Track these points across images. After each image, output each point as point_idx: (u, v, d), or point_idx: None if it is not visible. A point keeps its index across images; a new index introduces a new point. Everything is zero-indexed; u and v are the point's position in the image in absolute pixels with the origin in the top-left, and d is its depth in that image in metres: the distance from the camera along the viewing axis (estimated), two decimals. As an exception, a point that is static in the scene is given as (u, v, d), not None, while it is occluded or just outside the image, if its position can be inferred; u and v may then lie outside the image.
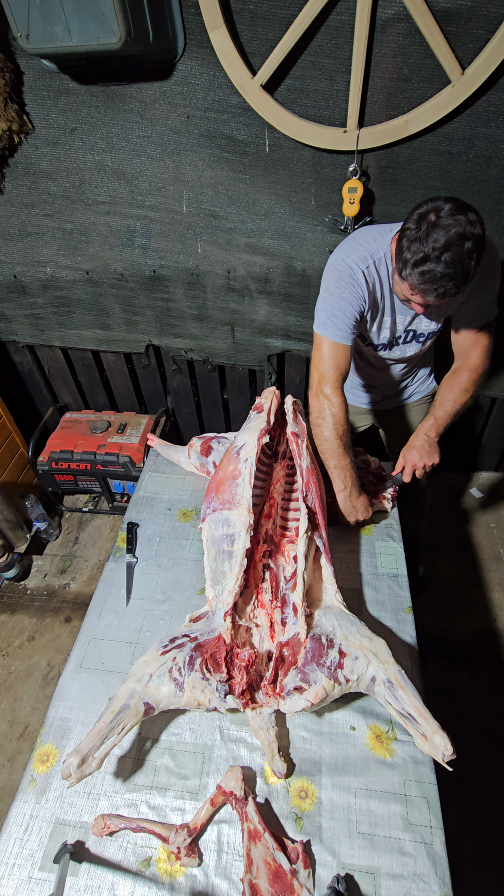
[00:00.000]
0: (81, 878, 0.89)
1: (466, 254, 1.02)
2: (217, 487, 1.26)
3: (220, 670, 0.99)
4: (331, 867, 0.89)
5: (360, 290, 1.26)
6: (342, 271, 1.26)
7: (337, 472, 1.34)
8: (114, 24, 1.27)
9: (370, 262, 1.25)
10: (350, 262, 1.25)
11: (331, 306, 1.29)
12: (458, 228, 1.01)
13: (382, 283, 1.28)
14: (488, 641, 2.10)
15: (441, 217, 1.02)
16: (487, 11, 1.32)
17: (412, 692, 0.95)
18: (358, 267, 1.25)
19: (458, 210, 1.02)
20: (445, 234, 1.01)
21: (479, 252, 1.04)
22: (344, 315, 1.27)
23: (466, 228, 1.01)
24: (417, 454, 1.40)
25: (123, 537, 1.44)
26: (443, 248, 1.01)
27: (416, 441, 1.41)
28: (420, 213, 1.06)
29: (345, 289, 1.26)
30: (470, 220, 1.01)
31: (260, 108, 1.51)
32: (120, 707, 0.95)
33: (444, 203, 1.04)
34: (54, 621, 2.24)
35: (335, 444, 1.32)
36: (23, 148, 1.76)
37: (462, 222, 1.01)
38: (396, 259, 1.11)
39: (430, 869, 0.88)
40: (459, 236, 1.01)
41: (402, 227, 1.09)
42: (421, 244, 1.03)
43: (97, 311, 2.19)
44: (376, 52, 1.42)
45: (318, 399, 1.33)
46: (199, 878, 0.89)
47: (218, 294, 2.04)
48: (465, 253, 1.02)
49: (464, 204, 1.04)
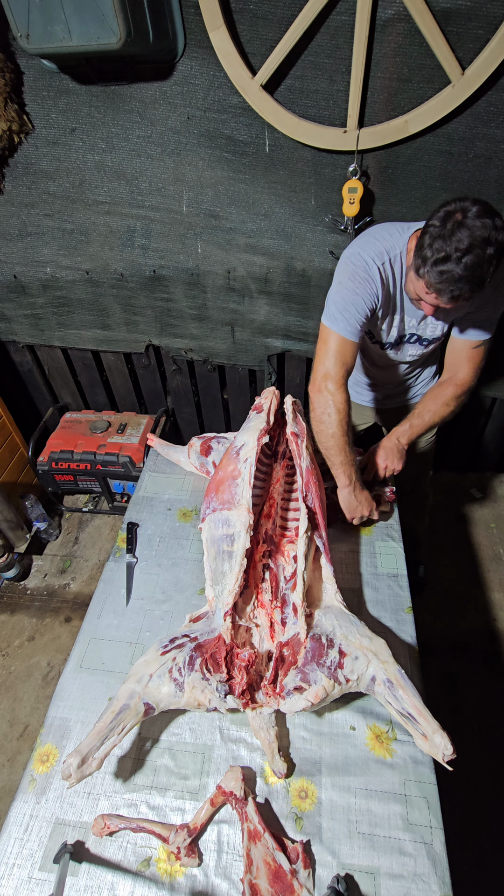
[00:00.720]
0: (81, 878, 0.89)
1: (487, 259, 1.00)
2: (217, 487, 1.26)
3: (220, 670, 0.99)
4: (331, 867, 0.89)
5: (374, 287, 1.24)
6: (357, 265, 1.24)
7: (342, 469, 1.33)
8: (114, 24, 1.27)
9: (386, 258, 1.23)
10: (366, 256, 1.23)
11: (343, 300, 1.26)
12: (483, 232, 0.98)
13: (396, 281, 1.27)
14: (488, 641, 2.10)
15: (468, 217, 1.00)
16: (487, 11, 1.32)
17: (412, 692, 0.95)
18: (374, 262, 1.23)
19: (486, 213, 1.00)
20: (470, 236, 0.99)
21: (498, 259, 1.02)
22: (356, 310, 1.25)
23: (491, 233, 0.99)
24: (385, 456, 1.43)
25: (123, 537, 1.44)
26: (465, 250, 0.99)
27: (387, 443, 1.44)
28: (447, 210, 1.03)
29: (359, 283, 1.24)
30: (496, 226, 0.99)
31: (260, 108, 1.51)
32: (120, 707, 0.95)
33: (472, 204, 1.01)
34: (54, 621, 2.24)
35: (340, 440, 1.30)
36: (23, 148, 1.76)
37: (488, 226, 0.99)
38: (415, 255, 1.09)
39: (430, 869, 0.88)
40: (484, 240, 0.99)
41: (426, 223, 1.07)
42: (444, 242, 1.01)
43: (97, 311, 2.19)
44: (376, 52, 1.42)
45: (321, 395, 1.29)
46: (199, 878, 0.89)
47: (218, 294, 2.04)
48: (486, 258, 1.00)
49: (491, 208, 1.01)
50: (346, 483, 1.33)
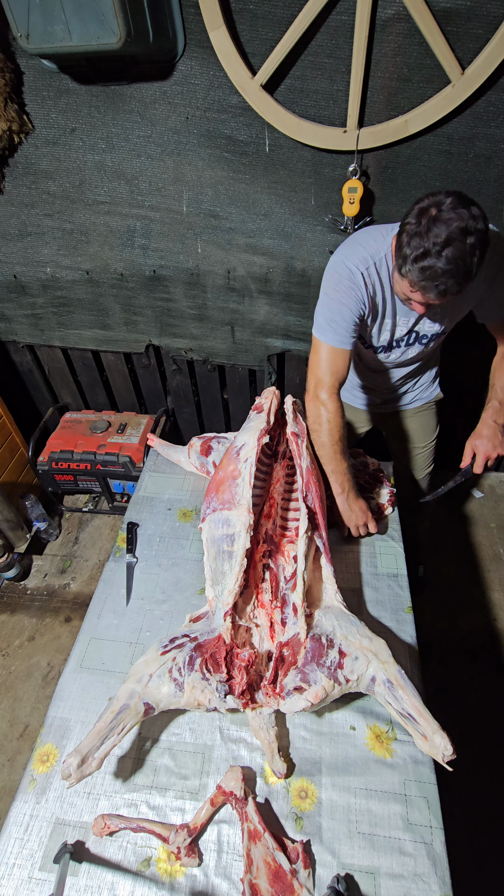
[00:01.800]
0: (81, 878, 0.89)
1: (469, 249, 0.99)
2: (217, 487, 1.26)
3: (220, 670, 0.99)
4: (331, 867, 0.89)
5: (359, 294, 1.24)
6: (342, 274, 1.24)
7: (334, 477, 1.33)
8: (114, 24, 1.27)
9: (370, 263, 1.22)
10: (350, 264, 1.23)
11: (329, 310, 1.27)
12: (459, 223, 0.97)
13: (383, 285, 1.26)
14: (488, 641, 2.10)
15: (442, 211, 0.99)
16: (487, 11, 1.32)
17: (412, 692, 0.95)
18: (357, 269, 1.22)
19: (460, 204, 0.99)
20: (447, 229, 0.98)
21: (482, 248, 1.00)
22: (343, 319, 1.26)
23: (469, 223, 0.97)
24: (490, 443, 1.35)
25: (123, 537, 1.44)
26: (444, 244, 0.98)
27: (484, 430, 1.36)
28: (420, 207, 1.02)
29: (344, 293, 1.24)
30: (472, 215, 0.98)
31: (260, 108, 1.51)
32: (120, 707, 0.95)
33: (445, 197, 1.00)
34: (54, 621, 2.24)
35: (331, 449, 1.31)
36: (23, 148, 1.76)
37: (464, 216, 0.98)
38: (396, 255, 1.09)
39: (430, 869, 0.88)
40: (461, 231, 0.97)
41: (402, 222, 1.06)
42: (421, 239, 1.00)
43: (97, 311, 2.19)
44: (376, 52, 1.42)
45: (314, 404, 1.32)
46: (199, 878, 0.89)
47: (218, 294, 2.04)
48: (467, 248, 0.98)
49: (466, 198, 1.00)
50: (339, 491, 1.33)
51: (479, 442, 1.36)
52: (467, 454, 1.39)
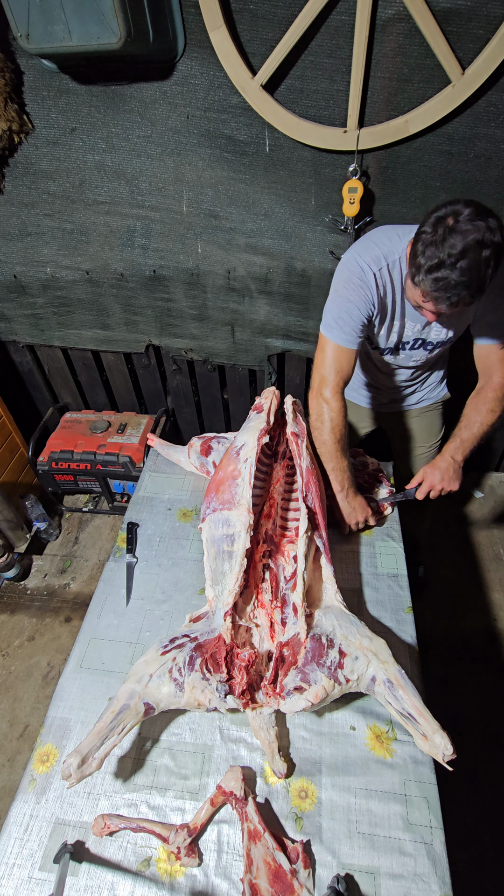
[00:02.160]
0: (81, 878, 0.89)
1: (484, 262, 0.97)
2: (217, 487, 1.26)
3: (220, 670, 0.99)
4: (331, 867, 0.89)
5: (369, 294, 1.22)
6: (353, 272, 1.22)
7: (334, 475, 1.34)
8: (114, 24, 1.27)
9: (384, 264, 1.21)
10: (362, 262, 1.21)
11: (338, 308, 1.25)
12: (476, 235, 0.96)
13: (395, 287, 1.24)
14: (488, 641, 2.10)
15: (459, 222, 0.97)
16: (487, 11, 1.32)
17: (412, 692, 0.95)
18: (370, 268, 1.21)
19: (478, 215, 0.97)
20: (463, 240, 0.96)
21: (497, 260, 0.99)
22: (350, 318, 1.25)
23: (486, 235, 0.96)
24: (440, 475, 1.35)
25: (123, 537, 1.44)
26: (459, 255, 0.97)
27: (441, 462, 1.36)
28: (437, 216, 1.01)
29: (353, 291, 1.23)
30: (490, 227, 0.97)
31: (260, 108, 1.51)
32: (120, 707, 0.95)
33: (463, 207, 0.98)
34: (54, 621, 2.24)
35: (332, 447, 1.32)
36: (23, 148, 1.76)
37: (481, 228, 0.96)
38: (410, 263, 1.07)
39: (430, 869, 0.88)
40: (477, 243, 0.96)
41: (418, 230, 1.05)
42: (436, 249, 0.99)
43: (97, 311, 2.19)
44: (376, 52, 1.42)
45: (317, 401, 1.32)
46: (199, 878, 0.89)
47: (218, 294, 2.04)
48: (482, 261, 0.97)
49: (484, 209, 0.99)
50: (339, 489, 1.34)
51: (432, 472, 1.36)
52: (416, 479, 1.40)
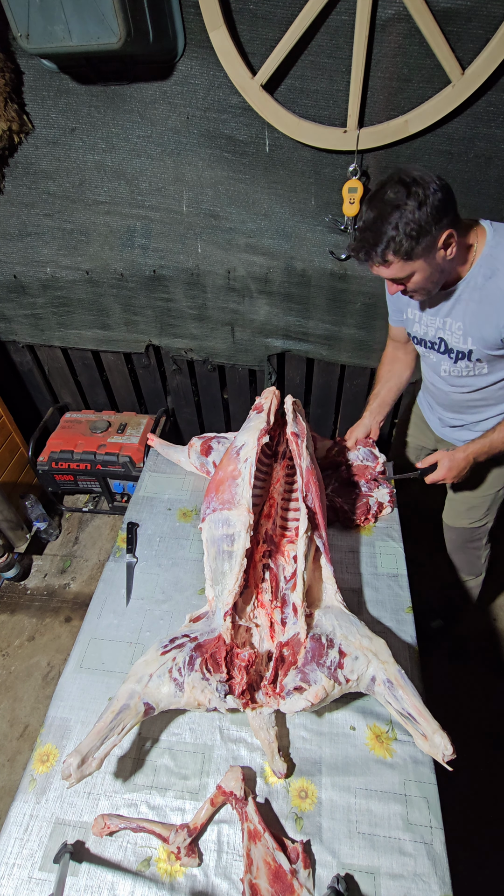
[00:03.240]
0: (81, 878, 0.89)
1: (392, 223, 1.03)
2: (217, 487, 1.26)
3: (220, 670, 0.99)
4: (331, 867, 0.89)
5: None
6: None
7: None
8: (114, 24, 1.27)
9: None
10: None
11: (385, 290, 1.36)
12: (391, 202, 1.03)
13: None
14: (488, 641, 2.10)
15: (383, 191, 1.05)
16: (487, 11, 1.32)
17: (412, 692, 0.95)
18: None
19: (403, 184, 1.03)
20: (378, 206, 1.05)
21: (408, 224, 1.02)
22: (389, 301, 1.44)
23: (401, 200, 1.02)
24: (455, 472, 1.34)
25: (123, 537, 1.44)
26: (370, 219, 1.06)
27: (459, 455, 1.34)
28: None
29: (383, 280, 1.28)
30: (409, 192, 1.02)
31: (260, 108, 1.51)
32: (120, 707, 0.95)
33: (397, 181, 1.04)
34: (54, 621, 2.24)
35: (378, 371, 1.65)
36: (23, 148, 1.76)
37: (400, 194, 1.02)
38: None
39: (430, 869, 0.88)
40: (390, 206, 1.03)
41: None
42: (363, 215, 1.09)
43: (97, 311, 2.19)
44: (376, 52, 1.42)
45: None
46: (199, 878, 0.89)
47: (218, 294, 2.04)
48: (388, 221, 1.03)
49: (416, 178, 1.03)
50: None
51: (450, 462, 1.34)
52: (430, 459, 1.39)
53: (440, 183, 1.04)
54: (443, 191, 1.04)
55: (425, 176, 1.03)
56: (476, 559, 1.80)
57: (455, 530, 1.76)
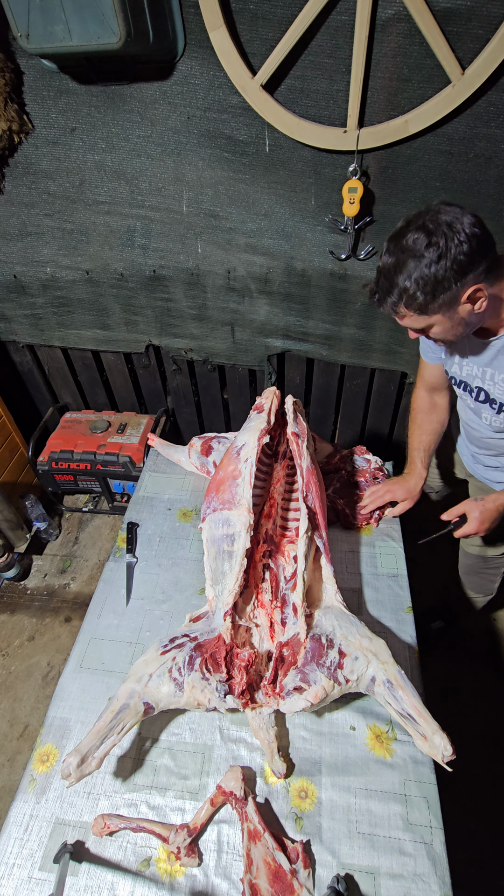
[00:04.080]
0: (81, 878, 0.89)
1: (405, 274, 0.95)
2: (217, 487, 1.26)
3: (219, 670, 0.99)
4: (331, 867, 0.89)
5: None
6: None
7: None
8: (114, 24, 1.27)
9: None
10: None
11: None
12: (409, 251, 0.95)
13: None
14: (488, 642, 2.10)
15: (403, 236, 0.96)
16: (487, 11, 1.32)
17: (412, 692, 0.95)
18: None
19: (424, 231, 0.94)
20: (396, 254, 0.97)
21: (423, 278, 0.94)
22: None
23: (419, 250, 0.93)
24: (487, 520, 1.26)
25: (123, 537, 1.44)
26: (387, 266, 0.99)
27: (490, 505, 1.26)
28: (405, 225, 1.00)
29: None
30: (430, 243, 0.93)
31: (260, 108, 1.51)
32: (120, 707, 0.95)
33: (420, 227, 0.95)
34: (54, 621, 2.24)
35: (409, 426, 1.52)
36: (23, 148, 1.76)
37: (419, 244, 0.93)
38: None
39: (430, 869, 0.88)
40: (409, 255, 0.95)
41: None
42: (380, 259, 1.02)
43: (97, 311, 2.19)
44: (376, 52, 1.42)
45: (414, 394, 1.52)
46: (199, 878, 0.89)
47: (218, 294, 2.04)
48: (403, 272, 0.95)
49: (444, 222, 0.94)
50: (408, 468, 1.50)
51: (479, 513, 1.26)
52: (456, 510, 1.31)
53: (471, 231, 0.92)
54: (472, 241, 0.92)
55: (456, 223, 0.92)
56: (490, 583, 1.72)
57: (471, 556, 1.66)
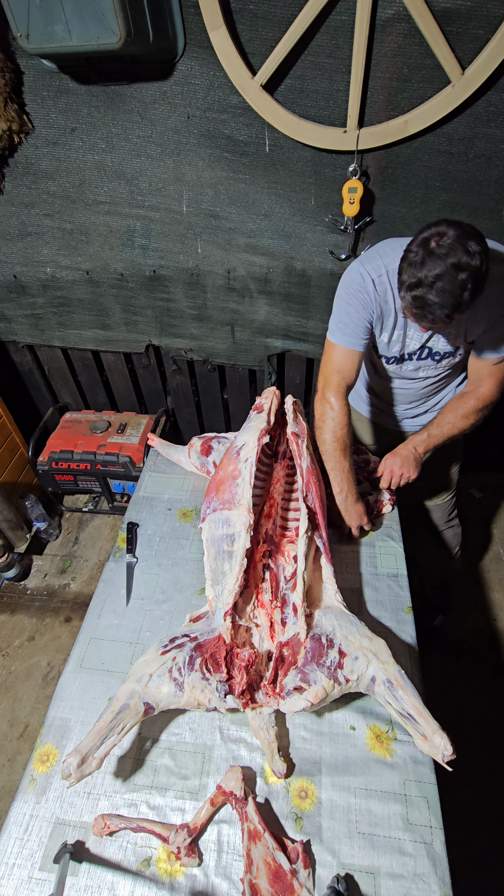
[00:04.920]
0: (81, 878, 0.89)
1: (460, 285, 1.01)
2: (217, 487, 1.26)
3: (220, 670, 0.99)
4: (331, 867, 0.89)
5: (367, 298, 1.26)
6: (353, 279, 1.28)
7: (333, 475, 1.36)
8: (114, 24, 1.27)
9: (384, 271, 1.24)
10: (363, 270, 1.26)
11: (339, 312, 1.31)
12: (453, 259, 1.00)
13: (395, 296, 1.26)
14: (488, 641, 2.10)
15: (440, 245, 1.01)
16: (487, 11, 1.32)
17: (412, 692, 0.95)
18: (369, 275, 1.25)
19: (459, 239, 1.00)
20: (441, 264, 1.00)
21: (475, 283, 1.02)
22: (350, 321, 1.29)
23: (462, 259, 0.99)
24: (400, 462, 1.39)
25: (123, 537, 1.44)
26: (435, 277, 1.01)
27: (403, 450, 1.41)
28: (423, 237, 1.05)
29: (353, 295, 1.28)
30: (468, 251, 1.00)
31: (260, 108, 1.51)
32: (120, 707, 0.95)
33: (447, 228, 1.02)
34: (54, 621, 2.24)
35: (332, 447, 1.35)
36: (23, 148, 1.76)
37: (458, 252, 0.99)
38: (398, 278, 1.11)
39: (430, 869, 0.88)
40: (454, 266, 1.00)
41: (406, 248, 1.08)
42: (416, 269, 1.03)
43: (97, 311, 2.19)
44: (376, 52, 1.42)
45: (320, 403, 1.36)
46: (199, 878, 0.89)
47: (218, 294, 2.04)
48: (457, 284, 1.00)
49: (468, 231, 1.02)
50: (338, 491, 1.37)
51: (392, 459, 1.40)
52: (380, 468, 1.44)
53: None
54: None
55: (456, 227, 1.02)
56: (456, 533, 1.93)
57: (435, 509, 1.86)
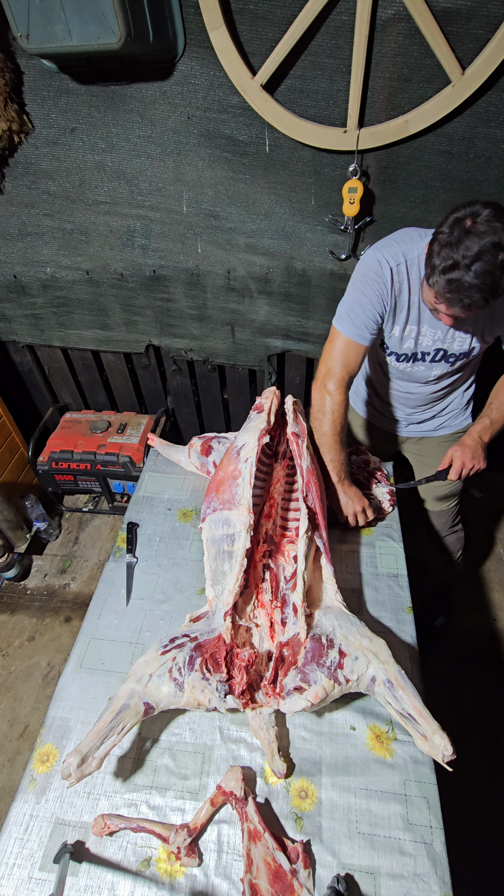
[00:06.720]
0: (81, 878, 0.89)
1: (500, 265, 0.96)
2: (217, 487, 1.26)
3: (220, 670, 0.99)
4: (331, 867, 0.89)
5: (383, 288, 1.21)
6: (370, 266, 1.22)
7: (332, 465, 1.36)
8: (114, 24, 1.27)
9: (402, 260, 1.20)
10: (380, 257, 1.21)
11: (351, 301, 1.26)
12: (493, 237, 0.95)
13: (411, 287, 1.23)
14: (488, 641, 2.10)
15: (477, 223, 0.96)
16: (487, 11, 1.32)
17: (412, 692, 0.95)
18: (387, 263, 1.20)
19: (497, 217, 0.96)
20: (479, 242, 0.96)
21: None
22: (362, 312, 1.24)
23: (503, 238, 0.95)
24: (470, 454, 1.34)
25: (123, 537, 1.44)
26: (474, 257, 0.96)
27: (469, 441, 1.35)
28: (456, 216, 1.00)
29: (368, 284, 1.22)
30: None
31: (260, 108, 1.51)
32: (120, 707, 0.95)
33: (482, 208, 0.97)
34: (54, 621, 2.24)
35: (331, 438, 1.33)
36: (23, 148, 1.76)
37: (498, 231, 0.95)
38: (426, 263, 1.06)
39: (430, 869, 0.88)
40: (494, 245, 0.95)
41: (436, 230, 1.04)
42: (452, 250, 0.98)
43: (97, 311, 2.19)
44: (376, 52, 1.42)
45: (320, 392, 1.33)
46: (199, 878, 0.89)
47: (218, 294, 2.04)
48: (497, 264, 0.96)
49: (503, 211, 0.98)
50: (336, 480, 1.36)
51: (462, 451, 1.36)
52: (445, 459, 1.39)
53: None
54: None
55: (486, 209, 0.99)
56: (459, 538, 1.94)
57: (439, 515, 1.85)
